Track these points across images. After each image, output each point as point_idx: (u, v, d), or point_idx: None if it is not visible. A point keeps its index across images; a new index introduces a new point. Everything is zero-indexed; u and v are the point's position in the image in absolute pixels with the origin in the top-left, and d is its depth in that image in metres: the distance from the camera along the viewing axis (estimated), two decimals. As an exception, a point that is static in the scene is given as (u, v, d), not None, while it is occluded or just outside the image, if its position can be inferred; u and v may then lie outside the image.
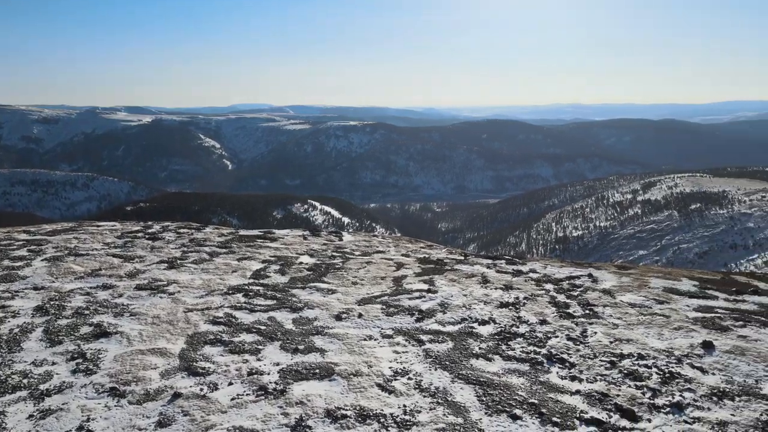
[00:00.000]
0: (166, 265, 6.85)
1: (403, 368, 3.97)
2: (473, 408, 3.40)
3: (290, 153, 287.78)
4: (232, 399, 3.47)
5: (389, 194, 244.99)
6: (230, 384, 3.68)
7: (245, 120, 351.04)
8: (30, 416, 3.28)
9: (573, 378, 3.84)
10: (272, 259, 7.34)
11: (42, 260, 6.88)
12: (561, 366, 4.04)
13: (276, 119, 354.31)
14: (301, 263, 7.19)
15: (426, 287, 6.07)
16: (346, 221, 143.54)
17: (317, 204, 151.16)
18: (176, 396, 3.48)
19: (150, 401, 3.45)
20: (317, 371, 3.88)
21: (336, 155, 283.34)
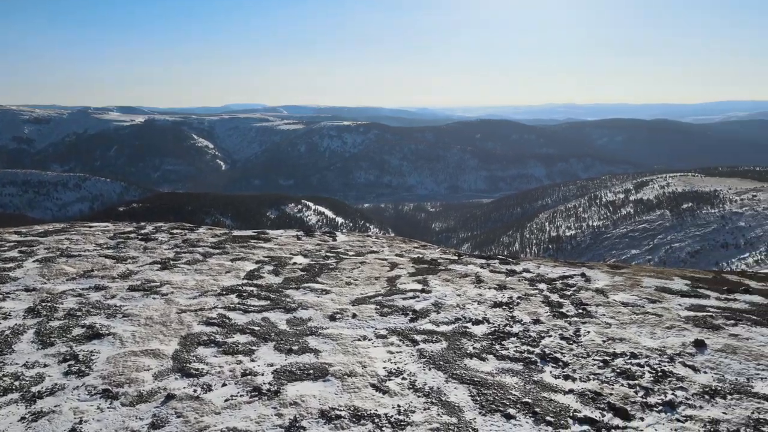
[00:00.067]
0: (159, 266, 6.82)
1: (398, 368, 3.97)
2: (467, 408, 3.41)
3: (284, 153, 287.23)
4: (226, 400, 3.46)
5: (383, 194, 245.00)
6: (224, 385, 3.67)
7: (238, 120, 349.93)
8: (22, 419, 3.26)
9: (566, 377, 3.86)
10: (266, 260, 7.32)
11: (33, 261, 6.83)
12: (554, 365, 4.06)
13: (269, 119, 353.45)
14: (295, 264, 7.18)
15: (420, 287, 6.08)
16: (340, 221, 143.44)
17: (311, 204, 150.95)
18: (170, 397, 3.47)
19: (143, 403, 3.43)
20: (311, 372, 3.88)
21: (330, 155, 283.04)
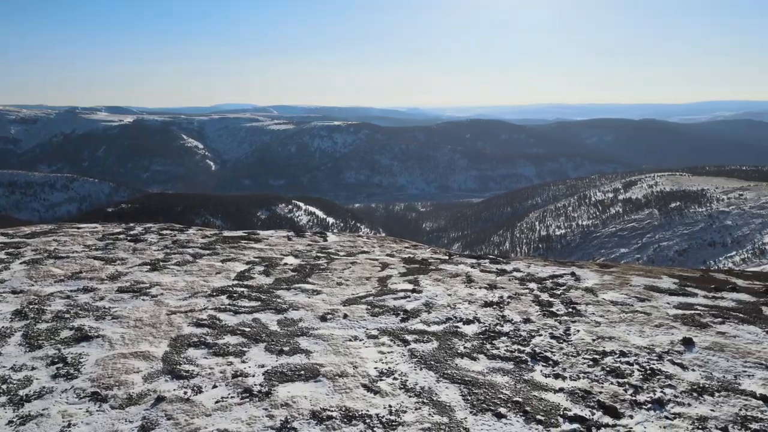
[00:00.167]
0: (149, 267, 6.77)
1: (389, 368, 3.97)
2: (458, 407, 3.42)
3: (274, 153, 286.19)
4: (217, 402, 3.45)
5: (374, 194, 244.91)
6: (214, 387, 3.65)
7: (228, 120, 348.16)
8: (9, 422, 3.23)
9: (556, 376, 3.89)
10: (257, 261, 7.29)
11: (21, 263, 6.76)
12: (545, 364, 4.08)
13: (260, 119, 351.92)
14: (286, 264, 7.16)
15: (411, 287, 6.08)
16: (331, 221, 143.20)
17: (302, 204, 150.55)
18: (160, 400, 3.45)
19: (133, 405, 3.41)
20: (302, 373, 3.87)
21: (320, 155, 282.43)
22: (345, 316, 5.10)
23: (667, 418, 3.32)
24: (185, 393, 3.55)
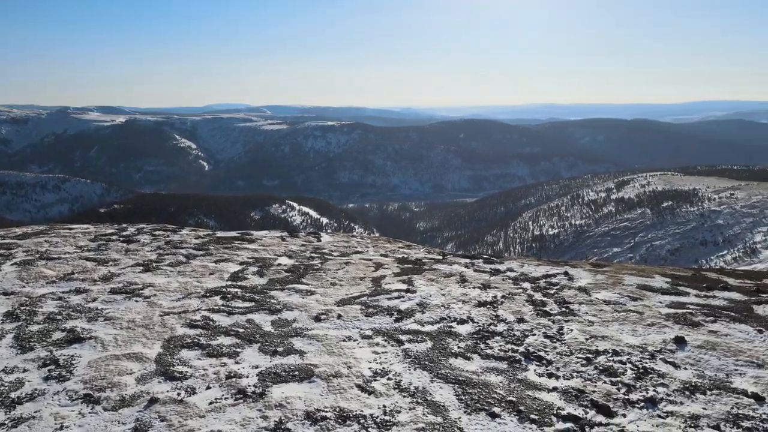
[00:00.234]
0: (142, 268, 6.74)
1: (383, 369, 3.97)
2: (452, 407, 3.43)
3: (268, 153, 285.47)
4: (210, 403, 3.44)
5: (368, 194, 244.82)
6: (208, 388, 3.64)
7: (222, 120, 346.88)
8: (1, 425, 3.20)
9: (550, 375, 3.90)
10: (250, 261, 7.28)
11: (12, 264, 6.71)
12: (538, 363, 4.10)
13: (253, 119, 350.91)
14: (280, 265, 7.15)
15: (405, 287, 6.09)
16: (325, 222, 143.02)
17: (295, 204, 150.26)
18: (153, 401, 3.43)
19: (126, 407, 3.39)
20: (296, 373, 3.87)
21: (314, 155, 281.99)
22: (339, 317, 5.10)
23: (660, 417, 3.34)
24: (179, 394, 3.54)
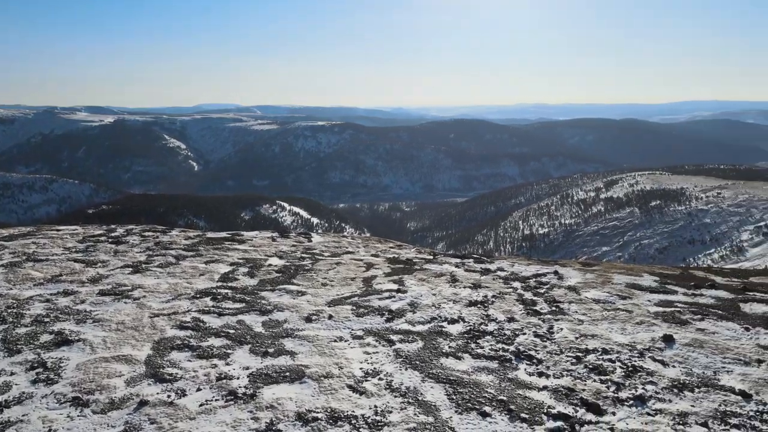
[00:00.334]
0: (131, 270, 6.69)
1: (374, 369, 3.98)
2: (443, 407, 3.44)
3: (258, 153, 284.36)
4: (201, 405, 3.42)
5: (358, 194, 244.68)
6: (198, 390, 3.62)
7: (211, 120, 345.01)
8: (-12, 429, 3.17)
9: (540, 374, 3.92)
10: (241, 262, 7.25)
11: (-2, 266, 6.63)
12: (529, 363, 4.12)
13: (243, 119, 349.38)
14: (270, 265, 7.13)
15: (396, 287, 6.09)
16: (315, 222, 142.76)
17: (286, 205, 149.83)
18: (142, 404, 3.41)
19: (115, 410, 3.36)
20: (288, 374, 3.86)
21: (304, 155, 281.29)
22: (330, 317, 5.09)
23: (649, 414, 3.37)
24: (169, 396, 3.52)
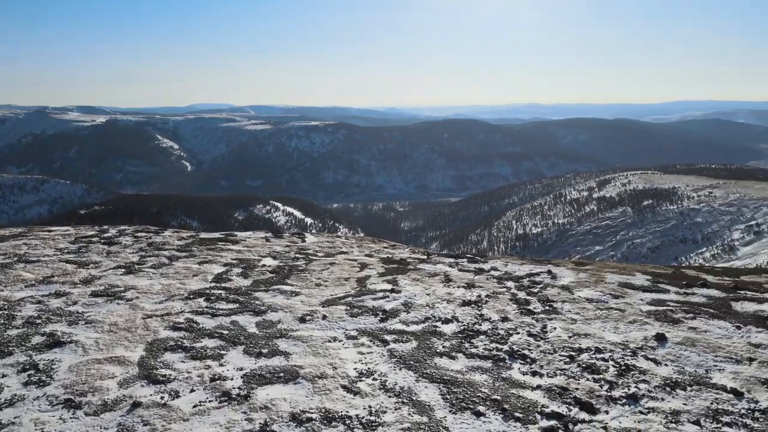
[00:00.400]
0: (124, 271, 6.65)
1: (368, 369, 3.98)
2: (438, 406, 3.44)
3: (251, 153, 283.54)
4: (195, 406, 3.41)
5: (352, 194, 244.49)
6: (192, 391, 3.61)
7: (204, 120, 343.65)
8: (-21, 432, 3.14)
9: (534, 373, 3.94)
10: (234, 262, 7.23)
11: (-11, 268, 6.58)
12: (522, 362, 4.13)
13: (236, 119, 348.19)
14: (264, 266, 7.11)
15: (390, 287, 6.09)
16: (309, 222, 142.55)
17: (279, 205, 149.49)
18: (136, 405, 3.39)
19: (108, 412, 3.35)
20: (281, 375, 3.85)
21: (298, 155, 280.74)
22: (324, 317, 5.09)
23: (642, 413, 3.39)
24: (162, 398, 3.50)
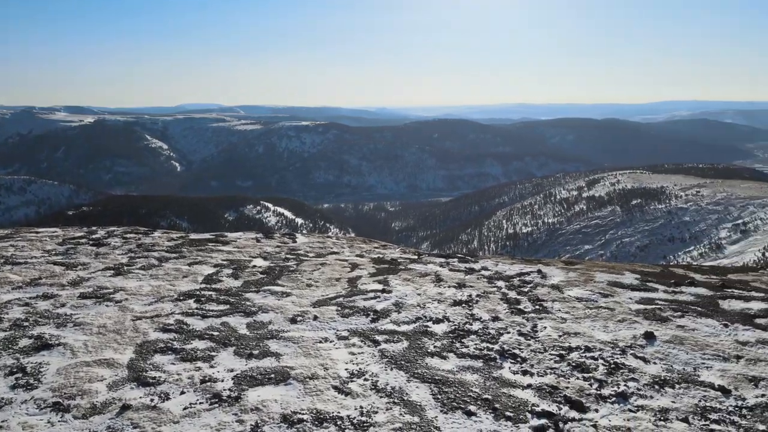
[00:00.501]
0: (113, 272, 6.60)
1: (359, 369, 3.97)
2: (429, 406, 3.45)
3: (241, 154, 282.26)
4: (185, 408, 3.39)
5: (343, 194, 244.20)
6: (182, 393, 3.59)
7: (194, 120, 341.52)
8: (-35, 437, 3.11)
9: (524, 372, 3.96)
10: (225, 263, 7.19)
11: (-25, 270, 6.50)
12: (513, 361, 4.15)
13: (226, 119, 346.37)
14: (255, 266, 7.09)
15: (381, 287, 6.10)
16: (300, 222, 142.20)
17: (270, 205, 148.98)
18: (125, 408, 3.37)
19: (97, 415, 3.32)
20: (272, 376, 3.84)
21: (288, 156, 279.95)
22: (315, 318, 5.08)
23: (631, 411, 3.41)
24: (152, 400, 3.48)
